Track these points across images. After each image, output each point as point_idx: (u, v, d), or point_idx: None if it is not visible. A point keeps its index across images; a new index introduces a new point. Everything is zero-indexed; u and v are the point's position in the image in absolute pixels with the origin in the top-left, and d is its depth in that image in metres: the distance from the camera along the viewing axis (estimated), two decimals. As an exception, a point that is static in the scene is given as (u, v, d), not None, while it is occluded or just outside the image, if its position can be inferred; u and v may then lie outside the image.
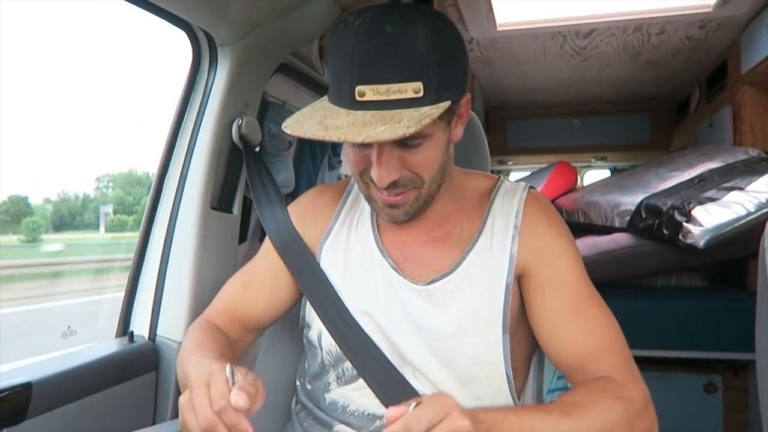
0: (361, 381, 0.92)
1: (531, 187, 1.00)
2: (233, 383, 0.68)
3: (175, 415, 1.15)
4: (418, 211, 0.89)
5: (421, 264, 0.94)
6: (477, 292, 0.90)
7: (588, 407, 0.79)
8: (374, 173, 0.82)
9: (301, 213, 1.06)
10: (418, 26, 0.77)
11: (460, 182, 0.99)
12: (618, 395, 0.81)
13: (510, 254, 0.91)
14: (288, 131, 0.79)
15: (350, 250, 0.98)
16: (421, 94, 0.76)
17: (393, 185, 0.83)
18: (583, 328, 0.88)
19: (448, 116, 0.83)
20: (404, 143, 0.80)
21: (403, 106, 0.76)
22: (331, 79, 0.82)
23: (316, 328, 0.97)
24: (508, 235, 0.93)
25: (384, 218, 0.92)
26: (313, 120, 0.79)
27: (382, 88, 0.75)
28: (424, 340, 0.90)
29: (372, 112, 0.76)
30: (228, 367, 0.70)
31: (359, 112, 0.76)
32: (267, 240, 1.06)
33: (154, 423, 1.17)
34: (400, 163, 0.82)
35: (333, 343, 0.94)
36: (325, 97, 0.84)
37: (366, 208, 1.01)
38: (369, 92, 0.75)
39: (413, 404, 0.66)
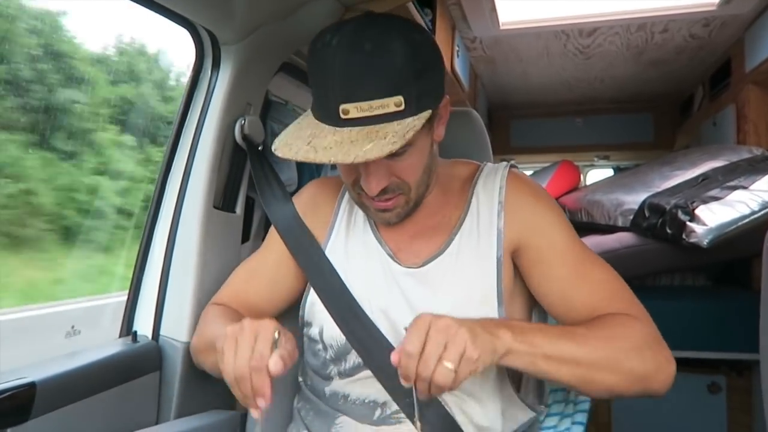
0: (361, 373, 0.96)
1: (512, 165, 1.05)
2: (276, 347, 0.74)
3: (179, 414, 1.16)
4: (409, 212, 0.96)
5: (414, 252, 0.98)
6: (469, 269, 0.94)
7: (593, 328, 0.84)
8: (364, 184, 0.87)
9: (303, 207, 1.10)
10: (394, 41, 0.80)
11: (446, 173, 1.04)
12: (627, 324, 0.86)
13: (497, 229, 0.95)
14: (279, 155, 0.83)
15: (350, 241, 1.02)
16: (402, 107, 0.80)
17: (383, 192, 0.88)
18: (589, 286, 0.93)
19: (429, 122, 0.87)
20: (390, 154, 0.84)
21: (386, 120, 0.80)
22: (314, 95, 0.85)
23: (318, 324, 0.99)
24: (493, 212, 0.97)
25: (378, 221, 0.99)
26: (301, 141, 0.83)
27: (365, 105, 0.79)
28: None
29: (357, 128, 0.80)
30: (276, 329, 0.75)
31: (345, 129, 0.80)
32: (270, 233, 1.10)
33: (157, 423, 1.17)
34: (388, 172, 0.87)
35: (335, 337, 0.97)
36: (309, 111, 0.88)
37: None
38: (353, 110, 0.79)
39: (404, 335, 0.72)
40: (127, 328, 1.24)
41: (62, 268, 1.59)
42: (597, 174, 4.09)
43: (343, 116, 0.80)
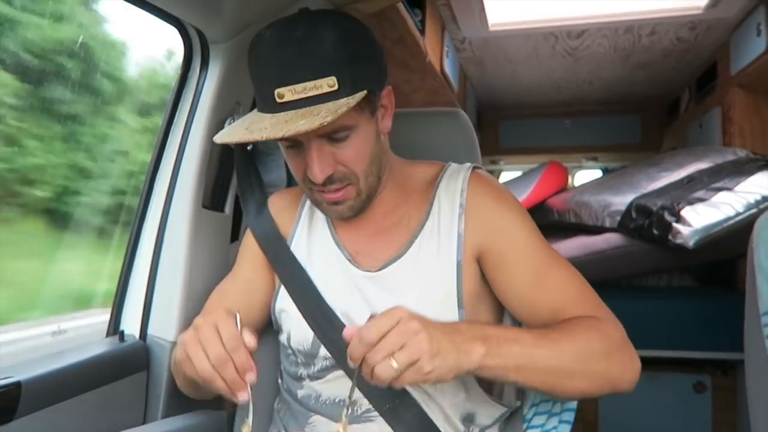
0: (330, 375, 0.97)
1: (475, 167, 1.04)
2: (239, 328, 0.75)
3: (166, 414, 1.15)
4: (362, 206, 0.95)
5: (373, 254, 0.98)
6: (428, 273, 0.94)
7: (565, 333, 0.83)
8: (309, 172, 0.87)
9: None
10: (325, 29, 0.84)
11: (404, 172, 1.04)
12: (595, 327, 0.85)
13: (458, 233, 0.95)
14: (218, 141, 0.86)
15: (312, 247, 1.03)
16: (335, 88, 0.81)
17: (329, 181, 0.88)
18: (552, 289, 0.92)
19: (369, 107, 0.88)
20: (332, 138, 0.86)
21: (320, 101, 0.82)
22: (255, 90, 0.88)
23: (286, 330, 1.01)
24: (454, 215, 0.96)
25: (332, 216, 0.98)
26: (240, 128, 0.86)
27: (299, 87, 0.81)
28: None
29: (293, 111, 0.81)
30: (236, 314, 0.77)
31: (281, 113, 0.82)
32: (241, 249, 1.11)
33: (144, 422, 1.17)
34: (333, 159, 0.87)
35: (302, 342, 0.98)
36: (255, 110, 0.90)
37: None
38: (287, 93, 0.81)
39: (368, 318, 0.72)
40: (115, 327, 1.23)
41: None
42: (585, 175, 4.12)
43: (278, 100, 0.82)
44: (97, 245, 1.42)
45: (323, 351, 0.96)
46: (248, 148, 1.32)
